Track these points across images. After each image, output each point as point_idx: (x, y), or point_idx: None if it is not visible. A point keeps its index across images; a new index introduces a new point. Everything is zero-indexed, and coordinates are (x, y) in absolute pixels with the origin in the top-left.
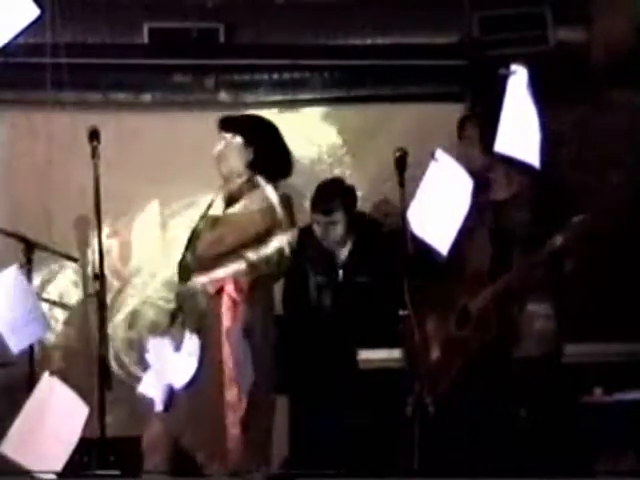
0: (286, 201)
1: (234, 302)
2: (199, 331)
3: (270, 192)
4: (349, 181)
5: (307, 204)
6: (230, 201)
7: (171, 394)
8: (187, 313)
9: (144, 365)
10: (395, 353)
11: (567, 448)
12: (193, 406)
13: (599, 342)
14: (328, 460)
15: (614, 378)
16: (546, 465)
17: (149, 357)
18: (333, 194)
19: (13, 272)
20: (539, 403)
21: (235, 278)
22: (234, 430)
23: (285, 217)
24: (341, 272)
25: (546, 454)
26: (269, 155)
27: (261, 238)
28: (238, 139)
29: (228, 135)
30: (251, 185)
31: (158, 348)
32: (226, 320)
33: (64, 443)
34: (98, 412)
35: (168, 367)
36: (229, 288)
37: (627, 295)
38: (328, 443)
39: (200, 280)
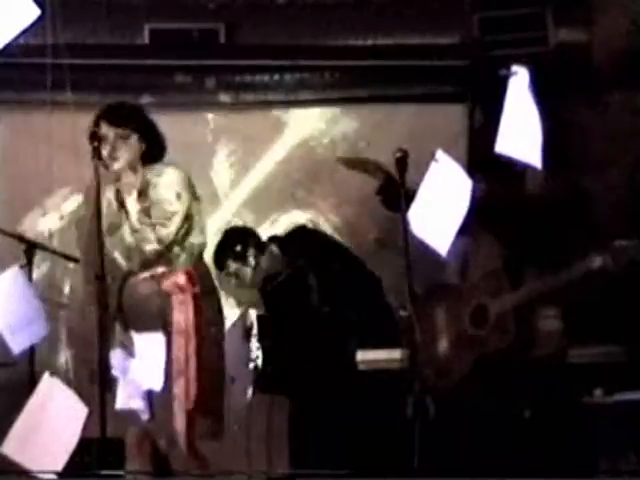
0: (188, 181)
1: (192, 295)
2: (148, 328)
3: (172, 176)
4: (351, 181)
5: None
6: (140, 195)
7: (151, 400)
8: (128, 314)
9: None
10: (395, 353)
11: (568, 448)
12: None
13: (599, 342)
14: (328, 460)
15: (614, 379)
16: (546, 465)
17: (114, 372)
18: (228, 248)
19: (13, 272)
20: (541, 404)
21: (186, 269)
22: (182, 418)
23: (191, 197)
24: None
25: (546, 454)
26: (156, 144)
27: (183, 223)
28: (134, 136)
29: (121, 131)
30: (144, 176)
31: (116, 360)
32: (181, 313)
33: (64, 443)
34: (98, 412)
35: (135, 375)
36: (181, 280)
37: (627, 295)
38: (328, 443)
39: (142, 278)
